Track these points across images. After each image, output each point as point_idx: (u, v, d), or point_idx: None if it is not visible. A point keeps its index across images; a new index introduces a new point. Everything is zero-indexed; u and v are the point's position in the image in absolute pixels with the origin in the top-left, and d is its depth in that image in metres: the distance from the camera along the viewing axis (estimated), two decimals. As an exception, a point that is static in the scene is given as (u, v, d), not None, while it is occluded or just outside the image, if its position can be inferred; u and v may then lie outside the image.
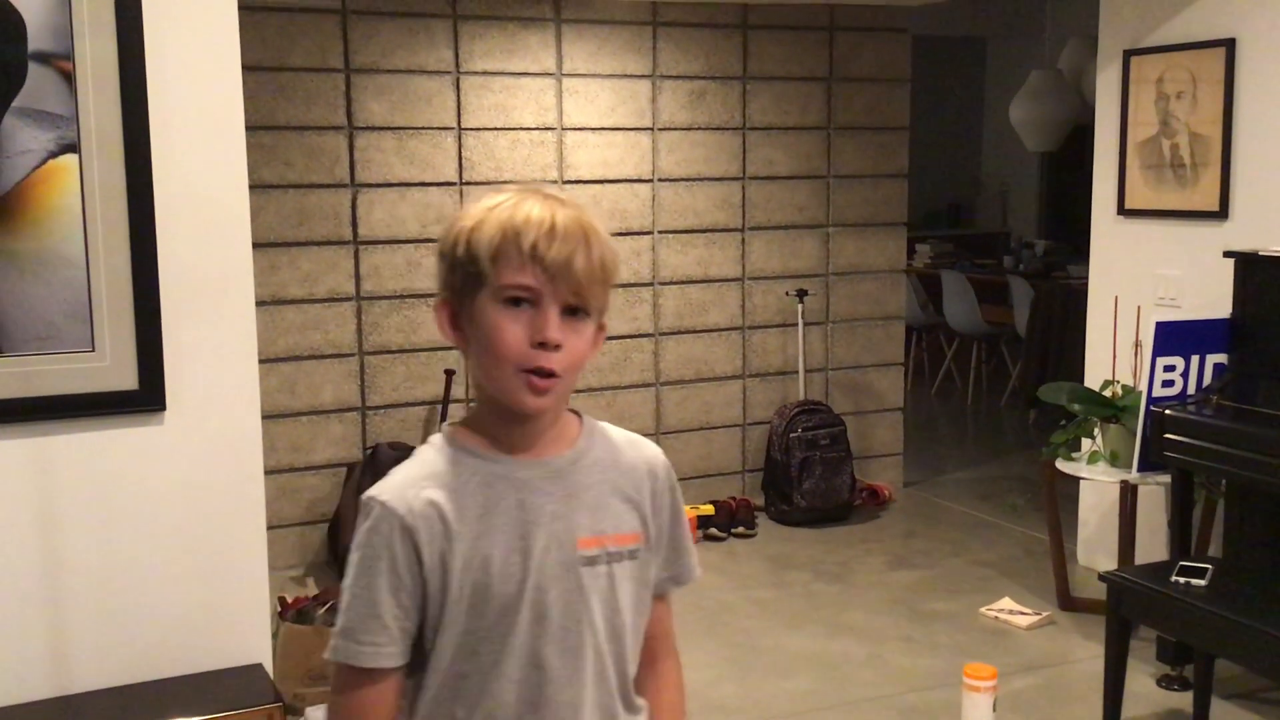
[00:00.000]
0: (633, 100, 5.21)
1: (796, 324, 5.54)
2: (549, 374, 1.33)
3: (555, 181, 5.09)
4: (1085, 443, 4.23)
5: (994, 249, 9.74)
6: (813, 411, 5.42)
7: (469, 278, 1.34)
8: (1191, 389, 3.77)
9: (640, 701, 1.49)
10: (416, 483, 1.38)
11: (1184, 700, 3.56)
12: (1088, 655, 3.92)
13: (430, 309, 4.89)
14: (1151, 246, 4.41)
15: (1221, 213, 4.13)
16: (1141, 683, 3.68)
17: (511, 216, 1.33)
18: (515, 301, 1.33)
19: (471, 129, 4.95)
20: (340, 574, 4.91)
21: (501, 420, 1.39)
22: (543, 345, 1.32)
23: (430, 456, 1.42)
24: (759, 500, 5.51)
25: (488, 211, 1.35)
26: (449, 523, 1.35)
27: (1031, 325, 7.39)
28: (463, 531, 1.35)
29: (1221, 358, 3.77)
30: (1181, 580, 3.14)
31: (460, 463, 1.39)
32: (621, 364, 5.31)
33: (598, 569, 1.40)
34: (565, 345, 1.33)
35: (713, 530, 5.15)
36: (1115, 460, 4.05)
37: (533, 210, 1.33)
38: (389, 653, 1.35)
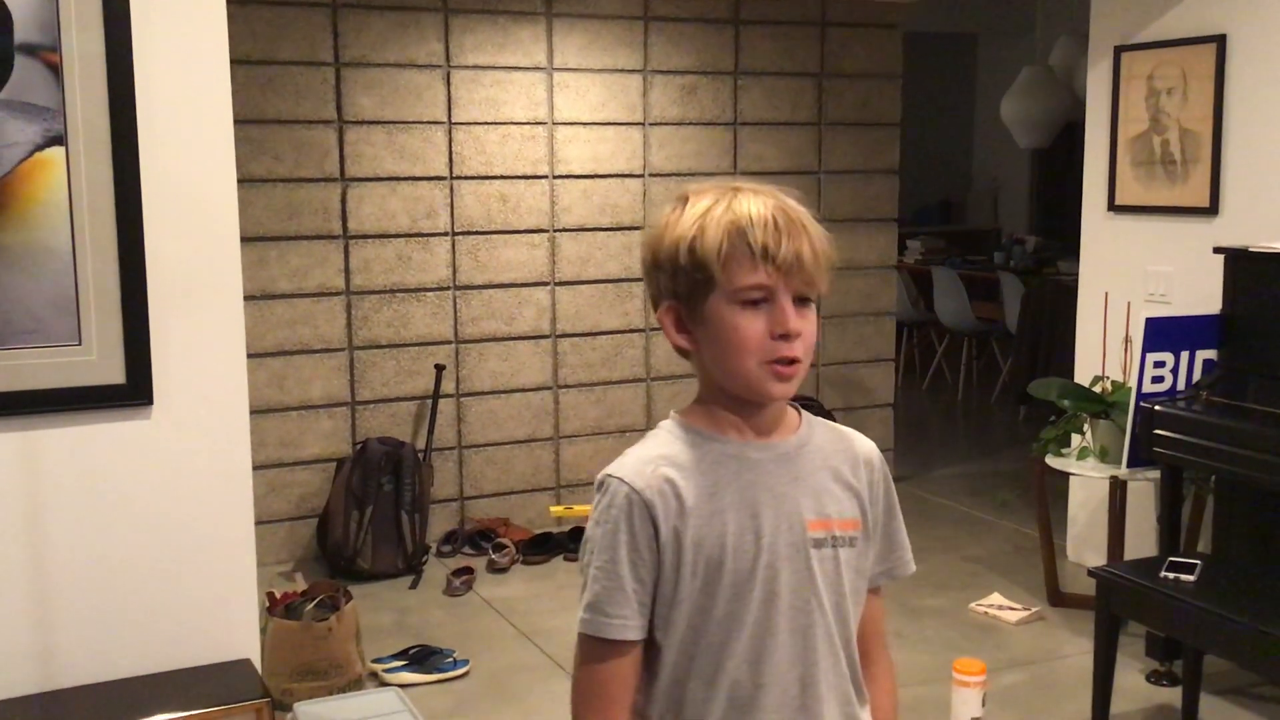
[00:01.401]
0: (624, 95, 5.20)
1: (787, 319, 5.53)
2: (792, 361, 1.40)
3: (545, 177, 5.08)
4: (1075, 439, 4.23)
5: (985, 245, 9.75)
6: (804, 407, 5.41)
7: (697, 284, 1.40)
8: (1181, 385, 3.77)
9: (866, 693, 1.52)
10: (652, 461, 1.43)
11: (1173, 695, 3.57)
12: (1077, 651, 3.92)
13: (420, 303, 4.91)
14: (1142, 243, 4.42)
15: (1212, 209, 4.14)
16: (1130, 678, 3.69)
17: (733, 219, 1.38)
18: (752, 301, 1.38)
19: (462, 123, 4.94)
20: (329, 570, 4.91)
21: (735, 407, 1.44)
22: (784, 336, 1.38)
23: (663, 438, 1.47)
24: (749, 496, 5.50)
25: (703, 216, 1.40)
26: (684, 499, 1.40)
27: (1022, 321, 7.40)
28: (697, 508, 1.40)
29: (1211, 354, 3.77)
30: (1170, 576, 3.14)
31: (692, 443, 1.44)
32: (612, 359, 5.30)
33: (824, 552, 1.44)
34: (802, 332, 1.40)
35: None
36: (1105, 456, 4.05)
37: (751, 209, 1.38)
38: (634, 625, 1.41)
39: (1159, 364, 3.78)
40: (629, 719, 1.43)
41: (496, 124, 4.99)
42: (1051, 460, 4.22)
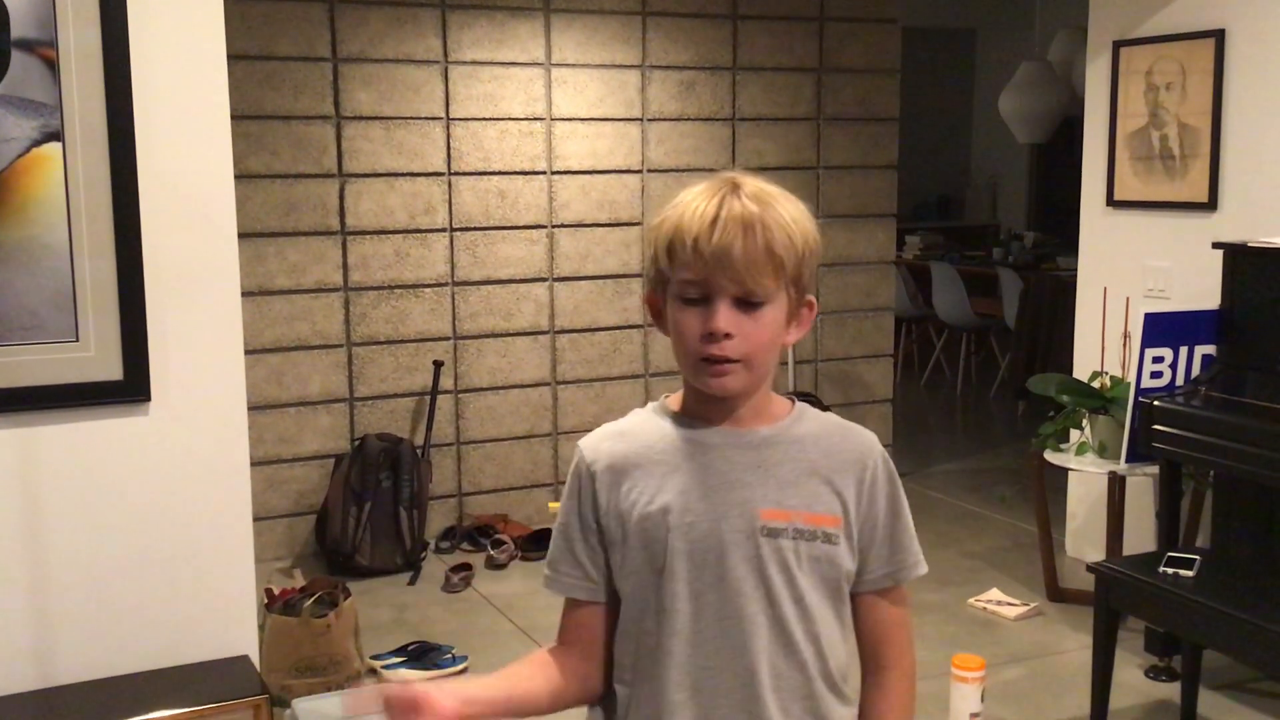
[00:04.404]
0: (622, 90, 5.20)
1: (786, 315, 5.52)
2: (722, 360, 1.39)
3: (544, 173, 5.07)
4: (1074, 434, 4.23)
5: (983, 241, 9.74)
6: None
7: (659, 277, 1.44)
8: (1180, 380, 3.77)
9: (851, 694, 1.51)
10: (612, 436, 1.49)
11: (1172, 691, 3.57)
12: (1076, 646, 3.92)
13: (418, 300, 4.91)
14: (1140, 238, 4.41)
15: (1210, 204, 4.13)
16: (1129, 673, 3.69)
17: (682, 214, 1.39)
18: (691, 297, 1.39)
19: (460, 119, 4.93)
20: (328, 567, 4.92)
21: (697, 395, 1.47)
22: (710, 336, 1.38)
23: (635, 416, 1.52)
24: (748, 491, 5.50)
25: (669, 211, 1.42)
26: (632, 475, 1.44)
27: (1020, 317, 7.40)
28: (645, 485, 1.44)
29: (1210, 349, 3.77)
30: (1169, 571, 3.14)
31: (658, 424, 1.48)
32: (610, 355, 5.30)
33: (780, 542, 1.42)
34: (739, 333, 1.38)
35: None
36: (1103, 451, 4.05)
37: (701, 205, 1.38)
38: (583, 587, 1.47)
39: (1158, 359, 3.78)
40: (586, 662, 1.48)
41: (495, 120, 4.99)
42: (1050, 456, 4.22)
